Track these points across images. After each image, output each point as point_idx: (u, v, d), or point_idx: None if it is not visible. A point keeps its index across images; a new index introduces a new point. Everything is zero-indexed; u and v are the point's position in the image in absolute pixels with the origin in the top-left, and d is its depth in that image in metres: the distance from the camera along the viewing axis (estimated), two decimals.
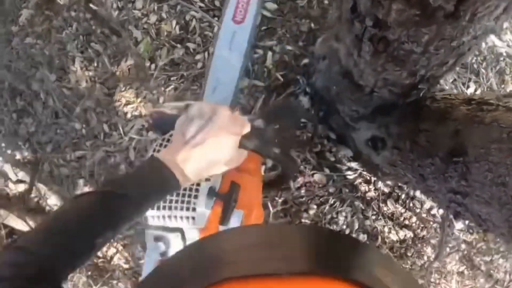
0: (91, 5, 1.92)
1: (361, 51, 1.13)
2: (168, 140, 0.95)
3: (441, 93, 1.38)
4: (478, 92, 1.91)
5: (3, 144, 2.02)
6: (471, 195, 1.13)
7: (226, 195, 0.96)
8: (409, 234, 1.97)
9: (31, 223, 1.98)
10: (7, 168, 2.02)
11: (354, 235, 1.96)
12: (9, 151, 2.03)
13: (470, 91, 1.91)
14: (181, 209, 0.91)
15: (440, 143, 1.24)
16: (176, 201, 0.92)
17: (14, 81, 2.03)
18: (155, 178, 0.73)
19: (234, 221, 0.99)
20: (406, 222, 1.98)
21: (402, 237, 1.98)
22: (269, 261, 0.35)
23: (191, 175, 0.76)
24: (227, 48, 1.71)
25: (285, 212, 1.96)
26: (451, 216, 1.60)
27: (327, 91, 1.77)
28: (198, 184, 0.93)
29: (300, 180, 1.93)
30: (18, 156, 2.03)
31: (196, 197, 0.92)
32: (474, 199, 1.12)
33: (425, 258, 1.98)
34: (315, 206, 1.95)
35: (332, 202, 1.96)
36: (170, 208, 0.92)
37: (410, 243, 1.98)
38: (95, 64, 2.00)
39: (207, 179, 0.94)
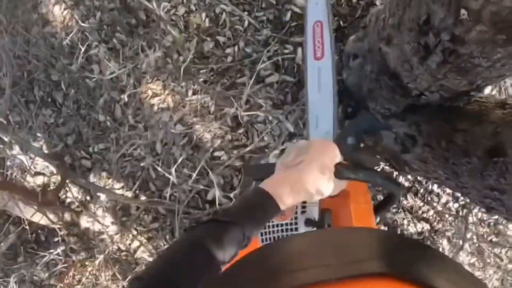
0: None
1: (427, 59, 1.17)
2: None
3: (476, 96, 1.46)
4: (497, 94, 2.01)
5: (21, 135, 1.94)
6: (508, 192, 1.21)
7: (318, 222, 1.01)
8: (426, 226, 2.06)
9: (51, 216, 1.92)
10: (26, 160, 1.94)
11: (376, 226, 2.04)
12: (27, 143, 1.96)
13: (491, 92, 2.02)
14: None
15: (478, 143, 1.31)
16: (277, 231, 1.00)
17: (33, 71, 1.95)
18: (257, 204, 0.79)
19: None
20: (424, 215, 2.07)
21: (419, 230, 2.07)
22: (340, 266, 0.36)
23: (286, 197, 0.80)
24: (316, 87, 1.71)
25: None
26: (483, 209, 1.70)
27: (358, 88, 1.82)
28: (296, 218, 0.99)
29: None
30: (37, 148, 1.96)
31: (296, 229, 1.00)
32: (511, 196, 1.21)
33: (440, 249, 2.09)
34: None
35: None
36: (269, 239, 1.01)
37: (426, 235, 2.08)
38: (121, 55, 1.95)
39: (303, 211, 1.00)
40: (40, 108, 1.98)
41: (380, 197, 1.97)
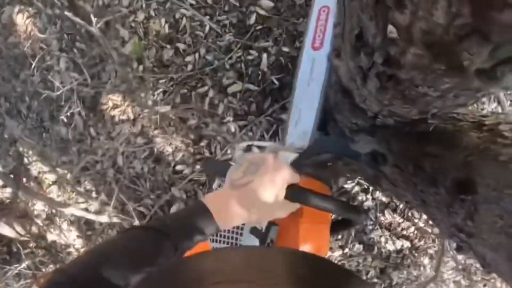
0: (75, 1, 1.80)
1: (366, 82, 1.03)
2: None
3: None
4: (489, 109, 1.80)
5: None
6: (476, 237, 1.05)
7: (262, 235, 0.95)
8: (406, 244, 1.91)
9: (19, 229, 1.93)
10: None
11: (349, 245, 1.90)
12: None
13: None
14: (226, 243, 0.98)
15: (447, 172, 1.15)
16: (223, 236, 1.01)
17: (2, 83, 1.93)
18: (196, 220, 0.75)
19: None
20: (404, 232, 1.91)
21: (399, 247, 1.91)
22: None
23: (226, 218, 0.77)
24: (307, 79, 1.57)
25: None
26: (454, 247, 1.53)
27: (326, 98, 1.68)
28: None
29: None
30: (1, 162, 1.96)
31: (241, 235, 0.99)
32: (479, 241, 1.04)
33: (421, 268, 1.93)
34: None
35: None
36: (216, 241, 1.01)
37: (407, 253, 1.92)
38: (81, 65, 1.90)
39: None
40: (5, 120, 1.97)
41: None
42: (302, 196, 0.80)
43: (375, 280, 1.92)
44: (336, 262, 1.91)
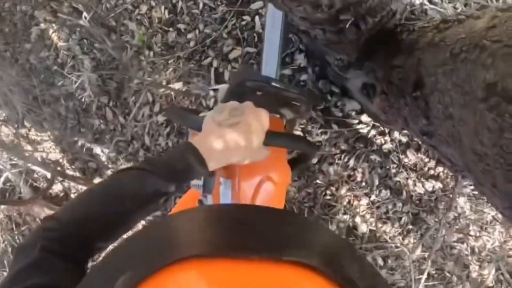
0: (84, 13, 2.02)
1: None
2: None
3: (421, 23, 1.24)
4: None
5: (37, 147, 2.24)
6: (435, 135, 1.00)
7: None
8: (438, 185, 1.79)
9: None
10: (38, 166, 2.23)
11: (375, 191, 1.84)
12: (38, 154, 2.25)
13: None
14: None
15: (407, 78, 1.12)
16: None
17: (39, 92, 2.22)
18: (183, 162, 0.75)
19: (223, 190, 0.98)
20: (432, 172, 1.80)
21: (429, 189, 1.81)
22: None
23: (217, 156, 0.77)
24: (272, 20, 1.65)
25: (299, 176, 1.90)
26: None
27: (312, 43, 1.68)
28: None
29: None
30: (52, 156, 2.23)
31: None
32: (438, 139, 1.00)
33: (459, 209, 1.79)
34: (328, 167, 1.86)
35: (346, 159, 1.85)
36: None
37: (440, 194, 1.80)
38: (102, 62, 2.12)
39: None
40: (51, 123, 2.25)
41: None
42: (280, 139, 0.86)
43: (410, 226, 1.83)
44: (364, 211, 1.86)
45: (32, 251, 0.59)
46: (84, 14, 2.01)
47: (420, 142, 1.77)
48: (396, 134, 1.81)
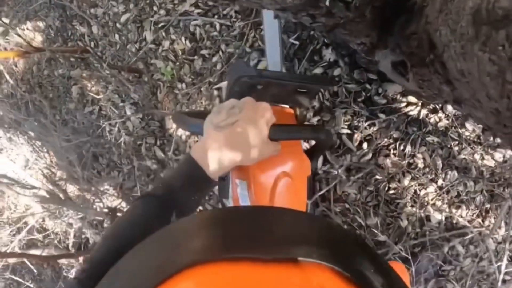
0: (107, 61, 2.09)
1: None
2: None
3: None
4: None
5: (101, 197, 2.34)
6: (463, 100, 0.89)
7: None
8: (509, 152, 1.60)
9: None
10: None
11: (441, 175, 1.68)
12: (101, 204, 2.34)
13: None
14: None
15: (422, 42, 1.01)
16: None
17: (92, 146, 2.33)
18: (187, 174, 0.74)
19: (241, 192, 0.96)
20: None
21: (500, 159, 1.62)
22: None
23: (220, 160, 0.74)
24: (270, 27, 1.64)
25: (357, 176, 1.80)
26: None
27: (333, 35, 1.60)
28: None
29: (357, 136, 1.76)
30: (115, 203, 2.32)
31: None
32: (468, 106, 0.88)
33: None
34: (385, 159, 1.74)
35: (401, 148, 1.72)
36: None
37: None
38: (141, 105, 2.17)
39: None
40: (109, 173, 2.34)
41: None
42: (285, 131, 0.82)
43: (487, 205, 1.65)
44: (433, 199, 1.71)
45: None
46: (108, 62, 2.10)
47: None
48: (449, 107, 1.65)
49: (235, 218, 0.43)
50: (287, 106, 1.00)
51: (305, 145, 1.65)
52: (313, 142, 1.38)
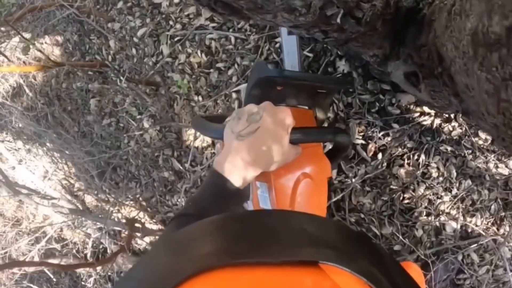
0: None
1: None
2: None
3: None
4: None
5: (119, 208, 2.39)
6: (470, 112, 0.92)
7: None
8: None
9: None
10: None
11: (455, 184, 1.71)
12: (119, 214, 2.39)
13: None
14: None
15: (432, 55, 1.04)
16: None
17: (110, 158, 2.38)
18: (219, 189, 0.74)
19: (261, 194, 0.97)
20: None
21: None
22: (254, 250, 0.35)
23: (244, 170, 0.74)
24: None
25: (372, 186, 1.83)
26: None
27: (346, 47, 1.64)
28: None
29: (371, 146, 1.79)
30: (133, 214, 2.36)
31: None
32: (476, 117, 0.91)
33: None
34: (399, 169, 1.77)
35: (415, 157, 1.75)
36: None
37: None
38: (158, 117, 2.22)
39: None
40: (128, 184, 2.39)
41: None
42: (306, 135, 0.83)
43: (503, 213, 1.67)
44: (448, 208, 1.73)
45: None
46: (125, 75, 2.15)
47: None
48: (461, 118, 1.68)
49: (240, 223, 0.43)
50: (306, 107, 1.02)
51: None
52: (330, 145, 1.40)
